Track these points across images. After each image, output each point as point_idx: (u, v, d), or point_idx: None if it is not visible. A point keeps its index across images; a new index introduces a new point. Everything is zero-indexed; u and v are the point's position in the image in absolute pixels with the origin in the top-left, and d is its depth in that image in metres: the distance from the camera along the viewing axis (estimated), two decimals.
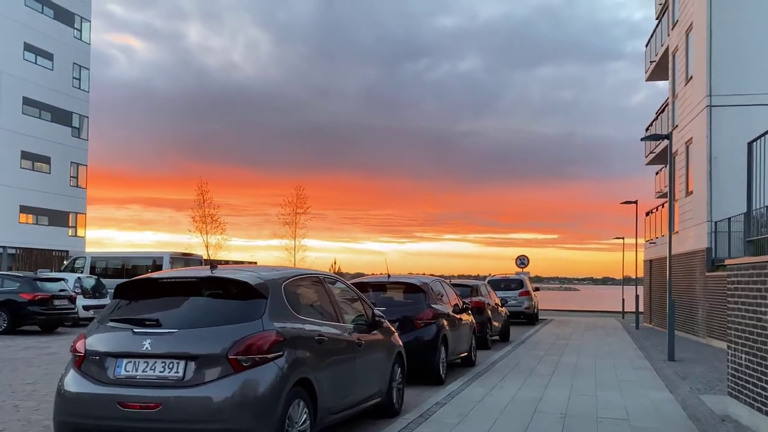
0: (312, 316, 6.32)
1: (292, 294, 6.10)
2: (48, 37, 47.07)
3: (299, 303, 6.20)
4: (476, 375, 11.57)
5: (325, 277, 7.08)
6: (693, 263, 21.21)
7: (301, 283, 6.47)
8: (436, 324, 10.92)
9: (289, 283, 6.11)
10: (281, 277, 6.10)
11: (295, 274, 6.41)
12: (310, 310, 6.46)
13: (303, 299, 6.41)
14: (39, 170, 46.89)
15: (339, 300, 7.19)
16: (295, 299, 6.13)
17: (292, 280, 6.22)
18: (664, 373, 12.51)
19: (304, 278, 6.64)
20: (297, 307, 6.06)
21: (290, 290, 6.08)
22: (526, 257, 37.48)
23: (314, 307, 6.65)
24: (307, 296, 6.59)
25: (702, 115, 19.93)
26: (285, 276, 6.17)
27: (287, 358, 5.51)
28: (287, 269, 6.61)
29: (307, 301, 6.54)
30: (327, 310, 6.76)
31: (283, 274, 6.23)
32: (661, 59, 26.29)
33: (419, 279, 11.65)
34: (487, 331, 17.03)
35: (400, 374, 8.35)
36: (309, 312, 6.34)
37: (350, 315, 7.46)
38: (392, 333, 8.29)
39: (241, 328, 5.38)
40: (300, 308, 6.12)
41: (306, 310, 6.28)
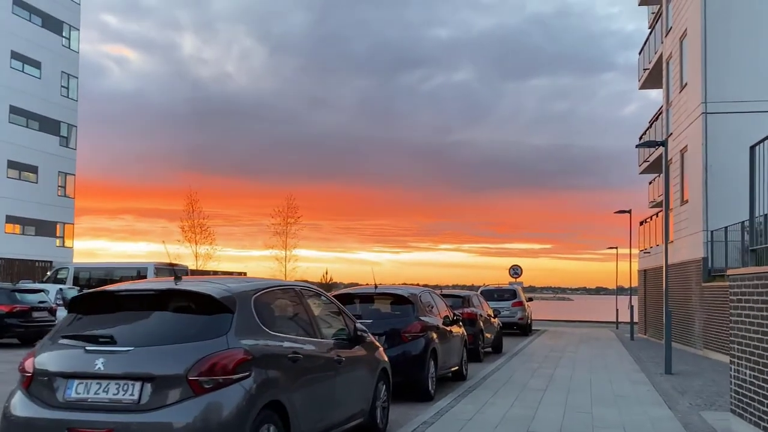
0: (286, 331, 5.83)
1: (264, 307, 5.62)
2: (36, 45, 46.54)
3: (271, 317, 5.72)
4: (467, 390, 11.08)
5: (302, 289, 6.59)
6: (688, 273, 20.80)
7: (274, 295, 5.98)
8: (424, 337, 10.43)
9: (260, 296, 5.62)
10: (251, 289, 5.61)
11: (267, 286, 5.92)
12: (284, 325, 5.98)
13: (276, 313, 5.93)
14: (26, 180, 46.25)
15: (318, 313, 6.70)
16: (267, 313, 5.64)
17: (263, 293, 5.73)
18: (662, 387, 12.05)
19: (278, 290, 6.14)
20: (269, 321, 5.57)
21: (261, 303, 5.59)
22: (519, 267, 37.03)
23: (289, 321, 6.16)
24: (280, 310, 6.10)
25: (697, 122, 19.57)
26: (255, 288, 5.68)
27: (255, 379, 5.02)
28: (259, 280, 6.12)
29: (280, 315, 6.05)
30: (303, 325, 6.27)
31: (253, 285, 5.75)
32: (655, 67, 25.99)
33: (407, 290, 11.17)
34: (479, 343, 16.55)
35: (384, 392, 7.85)
36: (283, 327, 5.85)
37: (330, 329, 6.97)
38: (376, 348, 7.80)
39: (204, 346, 4.89)
40: (272, 323, 5.63)
41: (279, 325, 5.79)
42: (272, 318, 5.73)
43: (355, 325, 7.17)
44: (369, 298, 10.92)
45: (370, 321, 10.26)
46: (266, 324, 5.49)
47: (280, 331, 5.71)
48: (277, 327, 5.69)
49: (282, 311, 6.13)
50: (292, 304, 6.33)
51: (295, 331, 6.07)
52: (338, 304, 7.25)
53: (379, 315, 10.68)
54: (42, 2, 47.17)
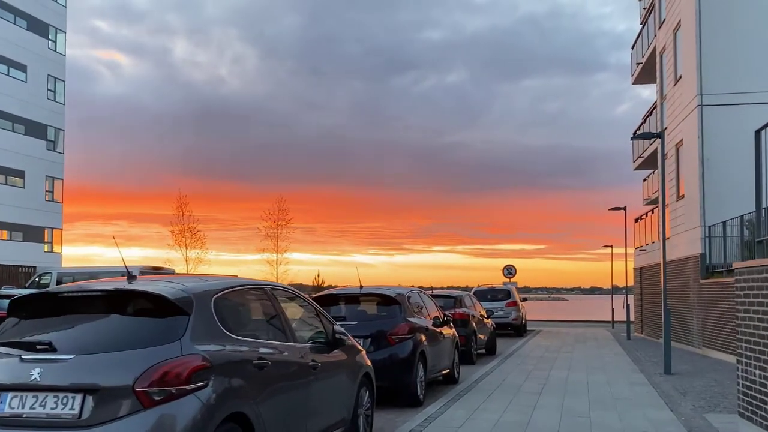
0: (253, 335, 5.28)
1: (227, 309, 5.06)
2: (21, 48, 45.83)
3: (235, 320, 5.16)
4: (458, 394, 10.54)
5: (272, 289, 6.02)
6: (686, 270, 20.32)
7: (238, 295, 5.42)
8: (412, 339, 9.88)
9: (221, 296, 5.07)
10: (211, 288, 5.05)
11: (230, 285, 5.35)
12: (251, 328, 5.42)
13: (241, 315, 5.38)
14: (13, 184, 45.49)
15: (291, 315, 6.15)
16: (230, 315, 5.08)
17: (226, 293, 5.17)
18: (663, 388, 11.53)
19: (244, 290, 5.58)
20: (232, 324, 5.01)
21: (223, 304, 5.03)
22: (513, 267, 36.53)
23: (256, 324, 5.61)
24: (246, 312, 5.55)
25: (693, 115, 19.10)
26: (217, 287, 5.12)
27: (214, 389, 4.47)
28: (223, 279, 5.54)
29: (246, 317, 5.50)
30: (274, 328, 5.71)
31: (215, 284, 5.18)
32: (648, 60, 25.52)
33: (394, 290, 10.62)
34: (471, 344, 16.01)
35: (368, 399, 7.31)
36: (249, 331, 5.30)
37: (305, 333, 6.42)
38: (358, 352, 7.25)
39: (154, 353, 4.34)
40: (236, 326, 5.08)
41: (245, 329, 5.24)
42: (236, 320, 5.18)
43: (334, 327, 6.62)
44: (354, 299, 10.37)
45: (354, 323, 9.74)
46: (229, 327, 4.94)
47: (246, 335, 5.16)
48: (241, 330, 5.14)
49: (248, 313, 5.58)
50: (261, 306, 5.77)
51: (264, 335, 5.52)
52: (315, 306, 6.70)
53: (365, 316, 10.13)
54: (27, 5, 46.48)
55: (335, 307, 10.27)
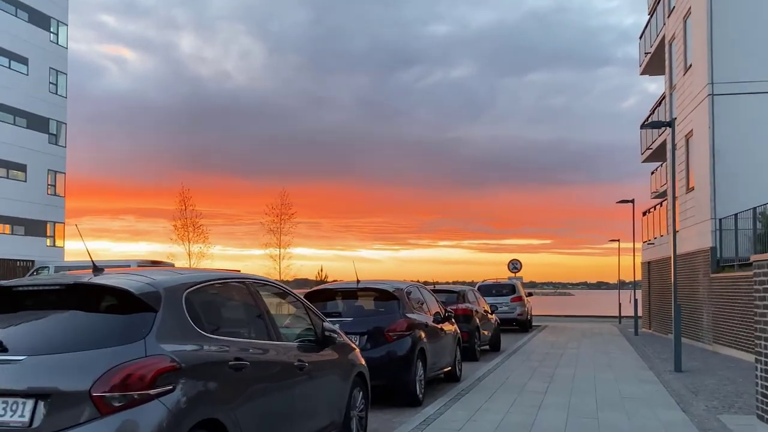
0: (230, 333, 4.84)
1: (200, 305, 4.63)
2: (22, 41, 45.49)
3: (210, 317, 4.73)
4: (459, 393, 10.10)
5: (254, 283, 5.57)
6: (695, 264, 19.81)
7: (215, 290, 4.99)
8: (411, 336, 9.44)
9: (195, 291, 4.63)
10: (183, 282, 4.62)
11: (205, 279, 4.91)
12: (228, 326, 4.99)
13: (217, 312, 4.95)
14: (14, 178, 45.23)
15: (276, 312, 5.72)
16: (204, 312, 4.65)
17: (200, 287, 4.73)
18: (673, 387, 11.07)
19: (221, 284, 5.13)
20: (206, 322, 4.58)
21: (197, 300, 4.60)
22: (518, 261, 36.08)
23: (235, 322, 5.18)
24: (224, 308, 5.12)
25: (703, 105, 18.56)
26: (189, 281, 4.68)
27: (183, 393, 4.04)
28: (198, 272, 5.11)
29: (223, 314, 5.07)
30: (255, 326, 5.28)
31: (187, 278, 4.74)
32: (657, 50, 24.95)
33: (392, 284, 10.17)
34: (475, 340, 15.57)
35: (361, 400, 6.88)
36: (226, 329, 4.87)
37: (292, 330, 6.00)
38: (351, 350, 6.82)
39: (115, 354, 3.91)
40: (211, 324, 4.65)
41: (221, 327, 4.80)
42: (211, 318, 4.75)
43: (323, 324, 6.18)
44: (350, 294, 9.94)
45: (350, 319, 9.33)
46: (202, 325, 4.50)
47: (223, 333, 4.72)
48: (217, 328, 4.71)
49: (226, 310, 5.15)
50: (241, 301, 5.34)
51: (243, 334, 5.09)
52: (304, 301, 6.26)
53: (361, 312, 9.70)
54: None
55: (330, 302, 9.86)
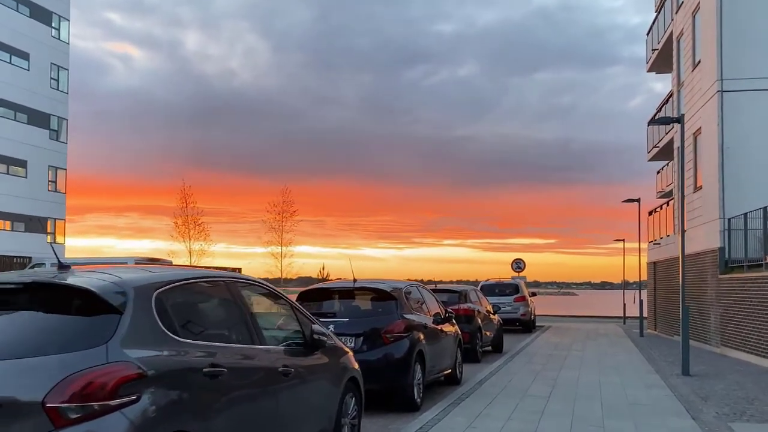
0: (205, 337, 4.45)
1: (172, 306, 4.25)
2: (23, 36, 45.18)
3: (184, 319, 4.35)
4: (459, 398, 9.70)
5: (235, 282, 5.18)
6: (703, 265, 19.38)
7: (189, 290, 4.59)
8: (409, 338, 9.05)
9: (166, 291, 4.24)
10: (153, 281, 4.23)
11: (180, 278, 4.51)
12: (204, 329, 4.60)
13: (191, 314, 4.56)
14: (14, 174, 44.95)
15: (259, 314, 5.34)
16: (177, 314, 4.27)
17: (172, 287, 4.34)
18: (681, 392, 10.66)
19: (198, 283, 4.74)
20: (178, 325, 4.19)
21: (168, 301, 4.21)
22: (522, 261, 35.68)
23: (212, 324, 4.79)
24: (199, 309, 4.74)
25: (712, 101, 18.14)
26: (160, 280, 4.29)
27: (150, 403, 3.66)
28: (173, 270, 4.72)
29: (198, 316, 4.69)
30: (236, 329, 4.89)
31: (159, 277, 4.35)
32: (665, 46, 24.50)
33: (390, 284, 9.78)
34: (476, 342, 15.18)
35: (354, 406, 6.49)
36: (201, 332, 4.48)
37: (277, 333, 5.63)
38: (343, 354, 6.43)
39: (73, 360, 3.53)
40: (183, 327, 4.26)
41: (195, 330, 4.42)
42: (185, 320, 4.36)
43: (312, 326, 5.79)
44: (345, 294, 9.55)
45: (345, 320, 8.95)
46: (174, 328, 4.12)
47: (197, 337, 4.34)
48: (192, 332, 4.32)
49: (202, 311, 4.77)
50: (220, 302, 4.95)
51: (222, 337, 4.70)
52: (291, 302, 5.87)
53: (357, 313, 9.32)
54: None
55: (325, 302, 9.49)
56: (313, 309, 9.32)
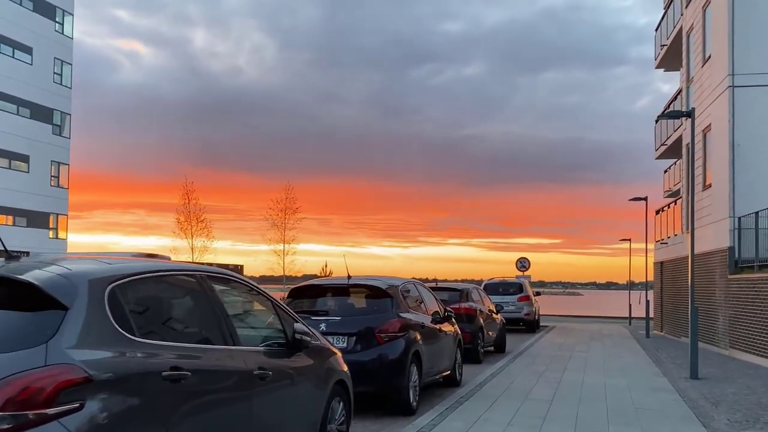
0: (168, 337, 4.02)
1: (130, 302, 3.82)
2: (27, 30, 44.89)
3: (142, 317, 3.92)
4: (458, 401, 9.27)
5: (209, 276, 4.73)
6: (712, 265, 18.88)
7: (152, 284, 4.16)
8: (405, 338, 8.62)
9: (123, 285, 3.81)
10: (108, 274, 3.79)
11: (141, 271, 4.07)
12: (167, 328, 4.17)
13: (152, 311, 4.14)
14: (17, 169, 44.69)
15: (234, 311, 4.92)
16: (135, 311, 3.84)
17: (131, 280, 3.91)
18: (690, 396, 10.20)
19: (162, 277, 4.29)
20: (135, 323, 3.76)
21: (125, 296, 3.78)
22: (526, 260, 35.17)
23: (176, 322, 4.36)
24: (162, 306, 4.32)
25: (723, 97, 17.63)
26: (117, 273, 3.85)
27: (96, 411, 3.24)
28: (133, 262, 4.27)
29: (160, 313, 4.26)
30: (204, 328, 4.47)
31: (116, 269, 3.91)
32: (674, 42, 23.98)
33: (386, 281, 9.34)
34: (478, 342, 14.74)
35: (342, 411, 6.08)
36: (162, 332, 4.05)
37: (254, 333, 5.22)
38: (330, 355, 6.01)
39: (5, 362, 3.11)
40: (141, 325, 3.83)
41: (155, 329, 3.99)
42: (144, 318, 3.94)
43: (295, 326, 5.36)
44: (338, 291, 9.12)
45: (338, 318, 8.53)
46: (129, 326, 3.69)
47: (158, 336, 3.91)
48: (151, 331, 3.89)
49: (167, 308, 4.35)
50: (188, 299, 4.52)
51: (188, 337, 4.27)
52: (272, 299, 5.44)
53: (350, 311, 8.89)
54: None
55: (317, 300, 9.08)
56: (304, 307, 8.92)
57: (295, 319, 5.56)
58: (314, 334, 5.81)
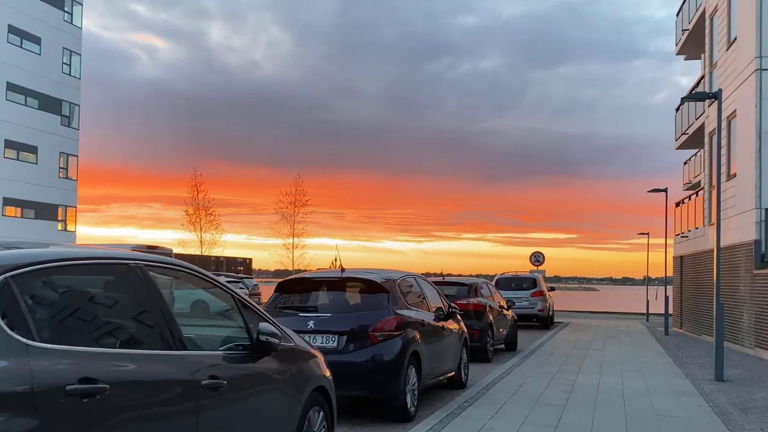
0: (82, 341, 3.23)
1: (29, 297, 3.04)
2: (35, 20, 44.38)
3: (45, 316, 3.14)
4: (461, 406, 8.47)
5: (149, 266, 3.91)
6: (736, 259, 17.91)
7: (68, 275, 3.35)
8: (402, 337, 7.81)
9: (23, 276, 3.01)
10: (7, 263, 3.01)
11: (49, 258, 3.23)
12: (84, 330, 3.38)
13: (60, 308, 3.34)
14: (25, 160, 44.24)
15: (182, 309, 4.13)
16: (35, 308, 3.06)
17: (34, 270, 3.10)
18: (717, 401, 9.33)
19: (79, 266, 3.46)
20: (34, 323, 2.98)
21: (27, 290, 2.99)
22: (541, 254, 34.21)
23: (96, 323, 3.55)
24: (80, 303, 3.51)
25: (749, 81, 16.64)
26: (14, 261, 3.04)
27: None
28: (39, 249, 3.42)
29: (73, 312, 3.44)
30: (137, 330, 3.68)
31: (14, 256, 3.11)
32: (696, 25, 22.93)
33: (383, 274, 8.52)
34: (487, 339, 13.90)
35: (322, 422, 5.29)
36: (77, 335, 3.27)
37: (209, 334, 4.43)
38: (308, 358, 5.22)
39: None
40: (46, 327, 3.04)
41: (64, 332, 3.20)
42: (49, 317, 3.15)
43: (260, 325, 4.55)
44: (330, 285, 8.32)
45: (328, 315, 7.75)
46: (25, 328, 2.90)
47: (69, 340, 3.13)
48: (58, 334, 3.11)
49: (86, 305, 3.54)
50: (115, 293, 3.73)
51: (111, 341, 3.48)
52: (235, 294, 4.63)
53: (342, 307, 8.09)
54: None
55: (306, 295, 8.29)
56: (292, 302, 8.16)
57: (264, 318, 4.77)
58: (287, 334, 5.02)
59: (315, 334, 7.58)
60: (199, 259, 44.06)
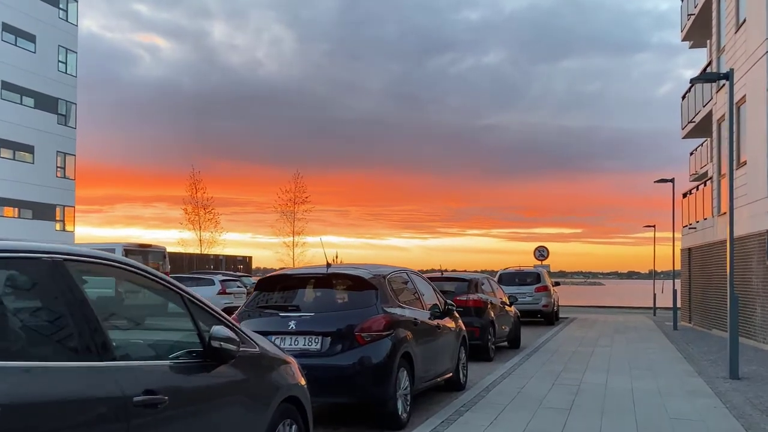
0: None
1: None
2: (30, 17, 43.82)
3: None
4: (458, 411, 7.84)
5: (76, 261, 3.27)
6: (748, 250, 17.22)
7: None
8: (392, 337, 7.18)
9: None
10: None
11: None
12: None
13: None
14: (21, 160, 43.71)
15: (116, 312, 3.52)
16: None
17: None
18: (733, 402, 8.68)
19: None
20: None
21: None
22: (545, 248, 33.54)
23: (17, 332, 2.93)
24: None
25: (759, 64, 15.94)
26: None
27: None
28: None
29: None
30: (44, 337, 3.06)
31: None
32: (703, 9, 22.20)
33: (372, 270, 7.88)
34: (488, 337, 13.28)
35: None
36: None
37: (157, 341, 3.81)
38: (277, 365, 4.61)
39: None
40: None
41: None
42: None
43: (213, 330, 3.92)
44: (314, 282, 7.69)
45: (310, 315, 7.12)
46: None
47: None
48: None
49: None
50: (20, 294, 3.12)
51: (19, 354, 2.85)
52: (184, 293, 3.99)
53: (326, 306, 7.45)
54: None
55: (287, 293, 7.65)
56: (273, 301, 7.54)
57: (220, 320, 4.14)
58: (250, 338, 4.40)
59: (296, 335, 6.97)
60: (197, 258, 43.55)
